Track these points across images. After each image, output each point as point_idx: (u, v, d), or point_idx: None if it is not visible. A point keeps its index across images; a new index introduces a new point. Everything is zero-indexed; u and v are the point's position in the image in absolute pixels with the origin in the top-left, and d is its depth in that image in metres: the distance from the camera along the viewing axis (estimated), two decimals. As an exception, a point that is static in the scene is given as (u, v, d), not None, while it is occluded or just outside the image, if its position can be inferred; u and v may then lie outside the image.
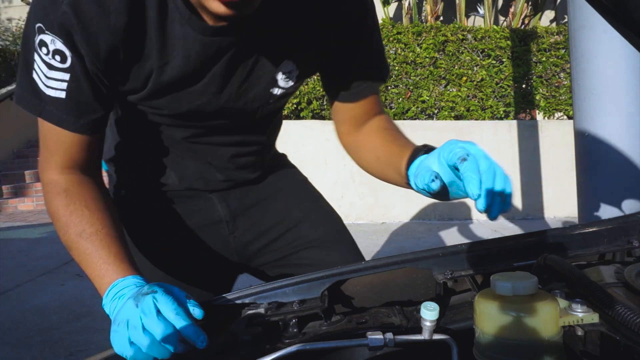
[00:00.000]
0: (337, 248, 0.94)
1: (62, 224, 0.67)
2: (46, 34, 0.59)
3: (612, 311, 0.45)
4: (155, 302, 0.54)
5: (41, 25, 0.59)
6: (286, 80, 0.76)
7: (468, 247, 0.65)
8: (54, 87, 0.62)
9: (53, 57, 0.61)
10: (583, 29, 1.80)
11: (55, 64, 0.61)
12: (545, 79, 4.93)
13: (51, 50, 0.60)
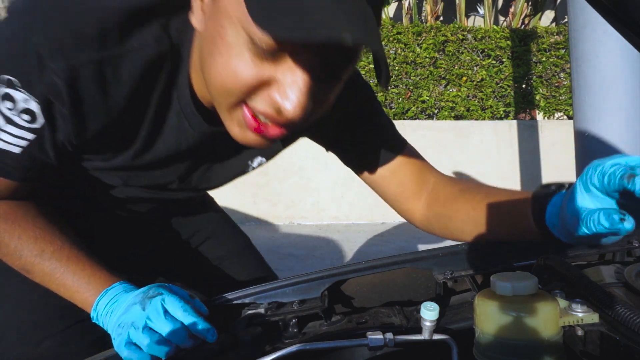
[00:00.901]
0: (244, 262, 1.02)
1: (12, 250, 0.60)
2: (19, 90, 0.50)
3: (612, 311, 0.45)
4: (162, 303, 0.54)
5: (14, 80, 0.49)
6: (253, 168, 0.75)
7: (468, 247, 0.65)
8: (8, 141, 0.53)
9: (19, 115, 0.52)
10: (583, 29, 1.80)
11: (20, 122, 0.52)
12: (545, 79, 4.93)
13: (20, 108, 0.51)
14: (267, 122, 0.49)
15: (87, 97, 0.52)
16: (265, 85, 0.47)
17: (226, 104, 0.49)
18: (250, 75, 0.45)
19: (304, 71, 0.45)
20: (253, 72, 0.45)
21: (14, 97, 0.50)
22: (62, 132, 0.54)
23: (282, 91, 0.46)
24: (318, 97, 0.49)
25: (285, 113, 0.47)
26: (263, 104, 0.48)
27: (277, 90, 0.46)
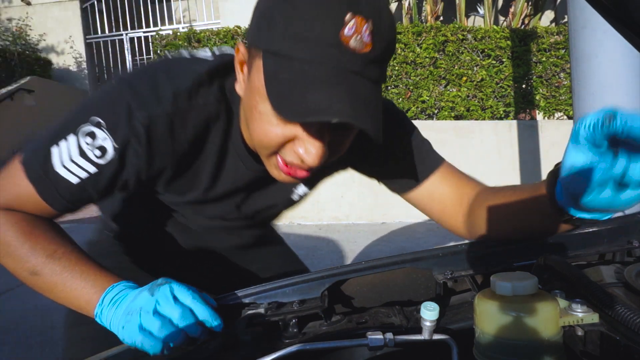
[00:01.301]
0: None
1: (26, 251, 0.64)
2: (103, 130, 0.61)
3: (612, 311, 0.45)
4: (171, 289, 0.56)
5: (102, 121, 0.61)
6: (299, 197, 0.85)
7: (468, 247, 0.65)
8: (72, 170, 0.62)
9: (93, 150, 0.62)
10: (583, 29, 1.80)
11: (91, 156, 0.62)
12: (545, 79, 4.93)
13: (96, 145, 0.62)
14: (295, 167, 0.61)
15: (158, 139, 0.64)
16: (291, 141, 0.59)
17: (264, 154, 0.62)
18: (278, 136, 0.58)
19: (319, 130, 0.57)
20: (280, 133, 0.58)
21: (96, 135, 0.61)
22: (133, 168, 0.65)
23: (303, 146, 0.58)
24: (335, 145, 0.60)
25: (307, 162, 0.58)
26: (290, 156, 0.60)
27: (300, 145, 0.58)
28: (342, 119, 0.50)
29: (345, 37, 0.50)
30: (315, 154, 0.57)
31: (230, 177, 0.74)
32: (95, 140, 0.61)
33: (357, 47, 0.51)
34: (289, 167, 0.61)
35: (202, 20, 8.35)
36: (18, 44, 8.09)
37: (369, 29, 0.51)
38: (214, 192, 0.75)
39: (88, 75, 8.72)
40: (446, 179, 0.79)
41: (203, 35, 4.83)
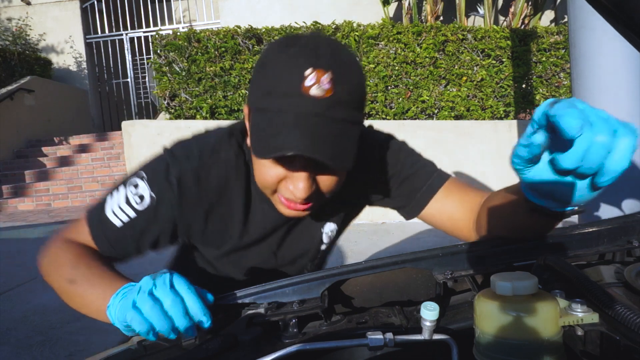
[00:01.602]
0: None
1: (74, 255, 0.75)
2: (145, 182, 0.75)
3: (612, 311, 0.45)
4: (171, 277, 0.58)
5: (145, 175, 0.76)
6: (329, 237, 0.90)
7: (468, 247, 0.65)
8: (117, 214, 0.75)
9: (135, 197, 0.75)
10: (583, 29, 1.80)
11: (132, 202, 0.75)
12: (545, 78, 4.93)
13: (138, 193, 0.75)
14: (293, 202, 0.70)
15: (188, 190, 0.76)
16: (284, 179, 0.69)
17: (268, 193, 0.73)
18: (271, 176, 0.69)
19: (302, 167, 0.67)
20: (273, 174, 0.68)
21: (139, 185, 0.75)
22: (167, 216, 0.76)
23: (292, 183, 0.68)
24: (327, 179, 0.70)
25: (297, 196, 0.67)
26: (285, 192, 0.70)
27: (290, 183, 0.68)
28: (297, 152, 0.60)
29: (306, 87, 0.61)
30: (302, 189, 0.67)
31: (259, 221, 0.83)
32: (137, 189, 0.75)
33: (317, 94, 0.61)
34: (288, 202, 0.70)
35: (202, 20, 8.36)
36: (18, 43, 8.09)
37: (328, 78, 0.61)
38: (248, 238, 0.83)
39: (88, 75, 8.72)
40: (452, 194, 0.83)
41: (203, 35, 4.83)
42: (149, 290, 0.56)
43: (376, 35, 4.79)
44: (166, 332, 0.55)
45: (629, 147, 0.43)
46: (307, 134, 0.61)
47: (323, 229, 0.88)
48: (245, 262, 0.88)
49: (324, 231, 0.89)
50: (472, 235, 0.81)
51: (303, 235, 0.88)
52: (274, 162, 0.67)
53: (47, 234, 4.41)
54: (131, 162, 4.64)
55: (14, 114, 7.01)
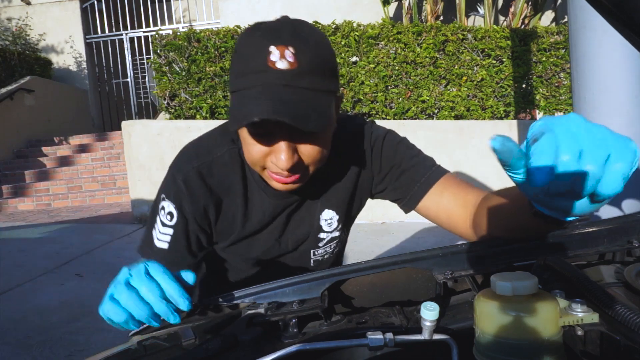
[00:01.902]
0: None
1: None
2: (165, 201, 0.84)
3: (612, 311, 0.45)
4: (146, 265, 0.58)
5: (164, 195, 0.84)
6: (329, 224, 0.93)
7: (468, 247, 0.65)
8: (162, 239, 0.84)
9: (166, 216, 0.84)
10: (583, 29, 1.80)
11: (166, 221, 0.84)
12: (545, 78, 4.93)
13: (166, 212, 0.84)
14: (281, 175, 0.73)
15: (196, 187, 0.82)
16: (269, 155, 0.73)
17: (259, 171, 0.77)
18: (256, 152, 0.73)
19: (281, 138, 0.70)
20: (257, 149, 0.73)
21: (164, 206, 0.84)
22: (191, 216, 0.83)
23: (274, 155, 0.72)
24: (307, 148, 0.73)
25: (281, 166, 0.71)
26: (271, 167, 0.74)
27: (273, 155, 0.72)
28: (261, 116, 0.63)
29: (271, 61, 0.66)
30: (284, 160, 0.70)
31: (259, 209, 0.87)
32: (165, 210, 0.84)
33: (283, 67, 0.66)
34: (276, 176, 0.74)
35: (202, 20, 8.36)
36: (18, 43, 8.08)
37: (291, 52, 0.66)
38: (251, 226, 0.88)
39: (88, 75, 8.72)
40: (448, 189, 0.85)
41: (203, 35, 4.83)
42: (126, 281, 0.57)
43: (376, 35, 4.79)
44: (145, 318, 0.56)
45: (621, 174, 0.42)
46: (271, 100, 0.65)
47: (321, 215, 0.91)
48: (252, 251, 0.92)
49: (322, 217, 0.92)
50: (469, 231, 0.82)
51: (302, 221, 0.91)
52: (255, 139, 0.72)
53: (47, 234, 4.41)
54: (131, 162, 4.64)
55: (14, 114, 7.01)
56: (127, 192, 5.65)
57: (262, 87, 0.66)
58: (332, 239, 0.95)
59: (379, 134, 0.90)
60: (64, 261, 3.54)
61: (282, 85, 0.66)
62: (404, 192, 0.89)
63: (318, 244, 0.95)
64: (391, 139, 0.90)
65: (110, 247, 3.93)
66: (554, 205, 0.49)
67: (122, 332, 0.60)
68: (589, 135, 0.43)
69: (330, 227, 0.93)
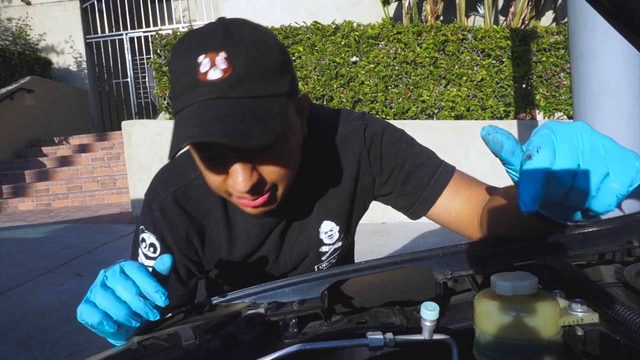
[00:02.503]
0: None
1: None
2: (145, 232, 0.79)
3: (612, 311, 0.45)
4: (121, 265, 0.57)
5: (143, 227, 0.79)
6: (329, 237, 0.86)
7: (468, 247, 0.65)
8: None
9: (149, 249, 0.79)
10: (583, 29, 1.80)
11: (150, 254, 0.79)
12: (545, 78, 4.93)
13: (148, 244, 0.79)
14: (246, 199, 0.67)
15: (173, 216, 0.78)
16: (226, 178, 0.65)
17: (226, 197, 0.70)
18: (214, 179, 0.66)
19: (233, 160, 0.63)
20: (214, 178, 0.66)
21: (145, 238, 0.79)
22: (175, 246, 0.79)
23: (230, 179, 0.65)
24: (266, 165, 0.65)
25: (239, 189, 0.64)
26: (232, 191, 0.66)
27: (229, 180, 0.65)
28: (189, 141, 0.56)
29: (201, 74, 0.58)
30: (240, 181, 0.63)
31: (243, 232, 0.81)
32: (146, 242, 0.79)
33: (215, 76, 0.58)
34: (242, 201, 0.67)
35: (202, 20, 8.35)
36: (18, 43, 8.08)
37: (223, 57, 0.58)
38: (238, 252, 0.82)
39: (88, 75, 8.72)
40: (459, 192, 0.80)
41: (203, 35, 4.83)
42: (102, 282, 0.56)
43: (376, 35, 4.79)
44: (124, 318, 0.54)
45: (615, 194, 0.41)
46: (203, 120, 0.57)
47: (320, 228, 0.84)
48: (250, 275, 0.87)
49: (322, 231, 0.85)
50: (477, 233, 0.79)
51: (299, 239, 0.85)
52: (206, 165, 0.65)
53: (47, 234, 4.41)
54: (131, 162, 4.64)
55: (14, 114, 7.01)
56: (127, 192, 5.66)
57: (198, 107, 0.58)
58: (335, 250, 0.89)
59: (375, 130, 0.81)
60: (64, 261, 3.54)
61: (215, 99, 0.58)
62: (412, 200, 0.82)
63: (321, 258, 0.88)
64: (390, 136, 0.82)
65: (110, 247, 3.93)
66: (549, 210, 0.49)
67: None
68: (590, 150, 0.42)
69: (331, 239, 0.86)
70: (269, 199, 0.68)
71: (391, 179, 0.83)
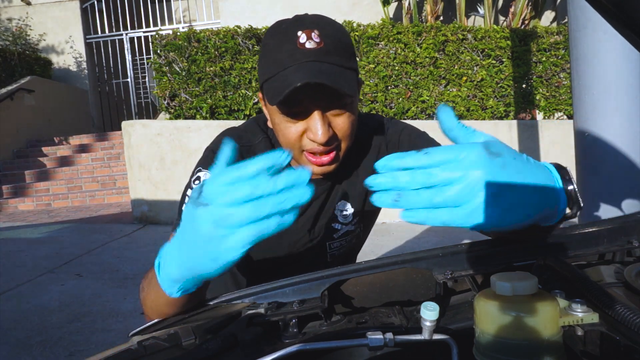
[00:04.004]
0: None
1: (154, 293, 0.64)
2: (203, 171, 0.84)
3: (612, 311, 0.45)
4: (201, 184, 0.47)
5: (201, 167, 0.85)
6: (344, 216, 0.95)
7: (468, 247, 0.65)
8: None
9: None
10: (583, 29, 1.80)
11: None
12: (545, 78, 4.93)
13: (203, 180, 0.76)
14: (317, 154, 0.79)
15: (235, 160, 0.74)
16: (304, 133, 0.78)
17: (296, 155, 0.81)
18: (293, 132, 0.78)
19: (316, 112, 0.76)
20: (293, 129, 0.78)
21: (200, 177, 0.84)
22: None
23: (310, 131, 0.77)
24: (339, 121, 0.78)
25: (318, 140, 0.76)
26: (308, 144, 0.78)
27: (309, 132, 0.77)
28: (303, 81, 0.69)
29: (301, 44, 0.73)
30: (321, 132, 0.75)
31: None
32: (201, 179, 0.84)
33: (312, 46, 0.73)
34: (315, 157, 0.79)
35: (202, 20, 8.35)
36: (18, 43, 8.08)
37: (316, 34, 0.74)
38: None
39: (88, 75, 8.72)
40: None
41: (203, 35, 4.83)
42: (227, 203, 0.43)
43: (376, 35, 4.79)
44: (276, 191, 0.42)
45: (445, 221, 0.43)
46: (308, 70, 0.71)
47: (337, 205, 0.93)
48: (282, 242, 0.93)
49: (338, 207, 0.94)
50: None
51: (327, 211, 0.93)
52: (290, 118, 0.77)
53: (47, 234, 4.41)
54: (131, 162, 4.64)
55: (14, 114, 7.01)
56: (127, 192, 5.66)
57: (298, 64, 0.72)
58: (348, 232, 0.97)
59: (396, 128, 0.93)
60: (64, 261, 3.54)
61: (313, 61, 0.73)
62: None
63: (333, 235, 0.96)
64: (409, 133, 0.92)
65: (110, 247, 3.93)
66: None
67: (122, 332, 0.59)
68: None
69: (345, 219, 0.95)
70: (334, 157, 0.80)
71: None
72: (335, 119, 0.78)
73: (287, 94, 0.70)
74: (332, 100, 0.76)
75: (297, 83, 0.69)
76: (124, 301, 2.66)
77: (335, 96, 0.75)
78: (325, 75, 0.72)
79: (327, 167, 0.80)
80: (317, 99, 0.75)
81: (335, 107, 0.77)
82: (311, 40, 0.73)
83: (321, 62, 0.73)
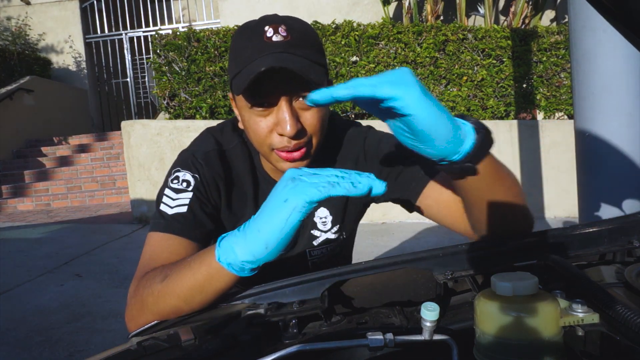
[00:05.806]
0: None
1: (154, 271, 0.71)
2: (181, 171, 0.85)
3: (612, 311, 0.45)
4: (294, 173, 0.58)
5: (179, 167, 0.85)
6: (323, 223, 0.94)
7: (468, 247, 0.65)
8: (179, 204, 0.81)
9: (181, 184, 0.84)
10: (584, 29, 1.80)
11: (182, 188, 0.83)
12: (546, 78, 4.93)
13: (181, 180, 0.84)
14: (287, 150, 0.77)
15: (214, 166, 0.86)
16: (274, 127, 0.76)
17: (266, 152, 0.80)
18: (262, 127, 0.77)
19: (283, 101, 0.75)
20: (263, 124, 0.77)
21: (179, 176, 0.84)
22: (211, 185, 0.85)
23: (279, 125, 0.75)
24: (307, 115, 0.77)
25: (287, 134, 0.74)
26: (278, 141, 0.77)
27: (278, 126, 0.76)
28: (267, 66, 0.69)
29: (267, 37, 0.74)
30: (289, 125, 0.74)
31: None
32: (179, 179, 0.84)
33: (279, 39, 0.73)
34: (285, 153, 0.77)
35: (201, 19, 8.35)
36: (17, 43, 8.08)
37: (283, 28, 0.74)
38: None
39: (87, 75, 8.72)
40: (447, 181, 0.80)
41: (202, 34, 4.83)
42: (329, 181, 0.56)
43: (376, 35, 4.79)
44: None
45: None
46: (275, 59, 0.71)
47: (316, 212, 0.93)
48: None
49: (317, 214, 0.93)
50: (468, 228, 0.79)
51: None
52: (259, 113, 0.76)
53: (47, 234, 4.41)
54: (131, 162, 4.64)
55: (13, 114, 7.01)
56: (126, 192, 5.65)
57: (266, 55, 0.72)
58: (328, 240, 0.95)
59: (375, 137, 0.91)
60: (64, 261, 3.54)
61: (280, 52, 0.72)
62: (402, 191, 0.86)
63: (312, 242, 0.95)
64: (387, 142, 0.89)
65: (110, 247, 3.93)
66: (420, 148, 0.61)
67: (122, 332, 0.59)
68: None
69: (324, 226, 0.94)
70: (305, 152, 0.78)
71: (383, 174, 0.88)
72: (304, 113, 0.77)
73: (252, 79, 0.70)
74: (299, 89, 0.74)
75: (262, 68, 0.69)
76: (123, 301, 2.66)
77: (302, 85, 0.74)
78: (291, 63, 0.71)
79: (299, 162, 0.79)
80: (283, 87, 0.74)
81: (304, 106, 0.76)
82: (278, 34, 0.74)
83: (288, 53, 0.72)
